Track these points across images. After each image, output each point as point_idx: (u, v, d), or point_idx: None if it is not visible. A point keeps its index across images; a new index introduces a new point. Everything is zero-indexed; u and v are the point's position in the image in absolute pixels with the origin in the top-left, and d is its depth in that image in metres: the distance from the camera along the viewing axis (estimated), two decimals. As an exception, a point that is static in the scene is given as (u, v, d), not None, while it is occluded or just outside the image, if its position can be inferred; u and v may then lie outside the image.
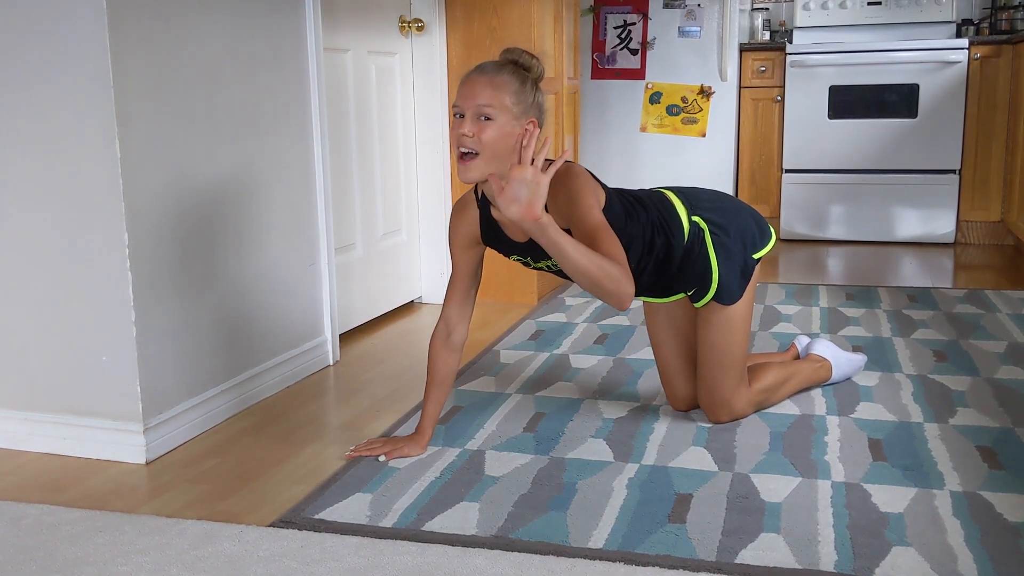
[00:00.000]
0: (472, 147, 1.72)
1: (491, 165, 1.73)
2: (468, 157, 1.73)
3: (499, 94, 1.72)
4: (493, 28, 3.37)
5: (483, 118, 1.72)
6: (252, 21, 2.35)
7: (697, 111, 4.81)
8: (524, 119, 1.75)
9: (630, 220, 1.93)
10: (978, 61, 4.54)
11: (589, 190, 1.80)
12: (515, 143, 1.71)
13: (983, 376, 2.50)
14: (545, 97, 1.82)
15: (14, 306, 2.08)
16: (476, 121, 1.73)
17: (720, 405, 2.12)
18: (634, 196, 2.01)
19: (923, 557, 1.53)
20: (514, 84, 1.75)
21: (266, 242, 2.45)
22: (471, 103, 1.73)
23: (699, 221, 2.01)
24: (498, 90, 1.73)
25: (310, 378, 2.64)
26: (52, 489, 1.90)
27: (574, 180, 1.80)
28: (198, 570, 1.54)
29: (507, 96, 1.73)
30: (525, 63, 1.79)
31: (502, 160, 1.73)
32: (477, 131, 1.72)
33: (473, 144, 1.72)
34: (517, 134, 1.72)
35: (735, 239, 2.04)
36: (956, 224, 4.69)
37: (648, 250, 1.98)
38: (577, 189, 1.78)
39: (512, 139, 1.73)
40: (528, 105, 1.76)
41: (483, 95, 1.72)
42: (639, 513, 1.70)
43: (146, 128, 2.00)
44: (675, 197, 2.04)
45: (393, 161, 3.30)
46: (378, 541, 1.62)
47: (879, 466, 1.91)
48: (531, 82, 1.78)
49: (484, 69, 1.77)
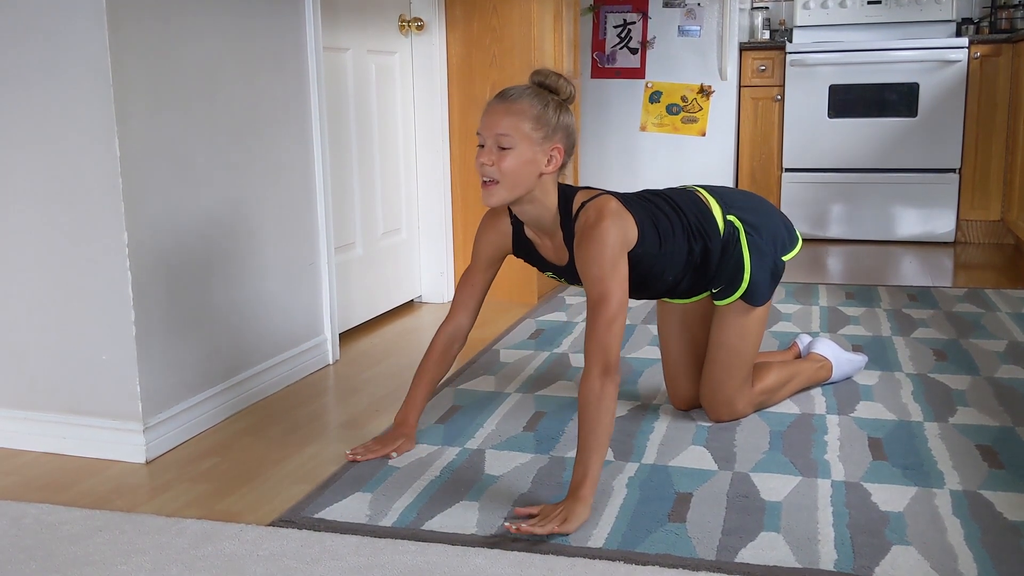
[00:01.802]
0: (492, 176, 1.73)
1: (513, 192, 1.75)
2: (490, 184, 1.75)
3: (517, 122, 1.71)
4: (493, 27, 3.37)
5: (502, 147, 1.72)
6: (252, 20, 2.35)
7: (697, 110, 4.81)
8: (548, 144, 1.74)
9: (665, 242, 1.91)
10: (978, 60, 4.54)
11: (615, 246, 1.75)
12: (537, 169, 1.74)
13: (983, 375, 2.50)
14: (573, 118, 1.80)
15: (14, 305, 2.08)
16: (495, 150, 1.73)
17: (722, 404, 2.12)
18: (669, 202, 1.97)
19: (923, 556, 1.53)
20: (534, 110, 1.73)
21: (266, 241, 2.45)
22: (490, 132, 1.73)
23: (734, 220, 2.00)
24: (516, 117, 1.72)
25: (310, 377, 2.64)
26: (52, 488, 1.90)
27: (603, 234, 1.74)
28: (198, 569, 1.54)
29: (526, 123, 1.72)
30: (551, 84, 1.77)
31: (524, 185, 1.75)
32: (497, 160, 1.72)
33: (493, 173, 1.73)
34: (540, 160, 1.74)
35: (767, 240, 2.03)
36: (956, 223, 4.69)
37: (687, 262, 1.97)
38: (601, 247, 1.74)
39: (534, 165, 1.73)
40: (552, 129, 1.74)
41: (501, 124, 1.72)
42: (639, 512, 1.70)
43: (146, 128, 2.00)
44: (709, 196, 2.02)
45: (393, 160, 3.30)
46: (378, 540, 1.62)
47: (879, 465, 1.91)
48: (555, 104, 1.75)
49: (505, 95, 1.76)
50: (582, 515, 1.62)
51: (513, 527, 1.59)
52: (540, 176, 1.76)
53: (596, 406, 1.67)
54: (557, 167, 1.76)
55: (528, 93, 1.75)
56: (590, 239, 1.75)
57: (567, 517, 1.61)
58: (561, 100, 1.78)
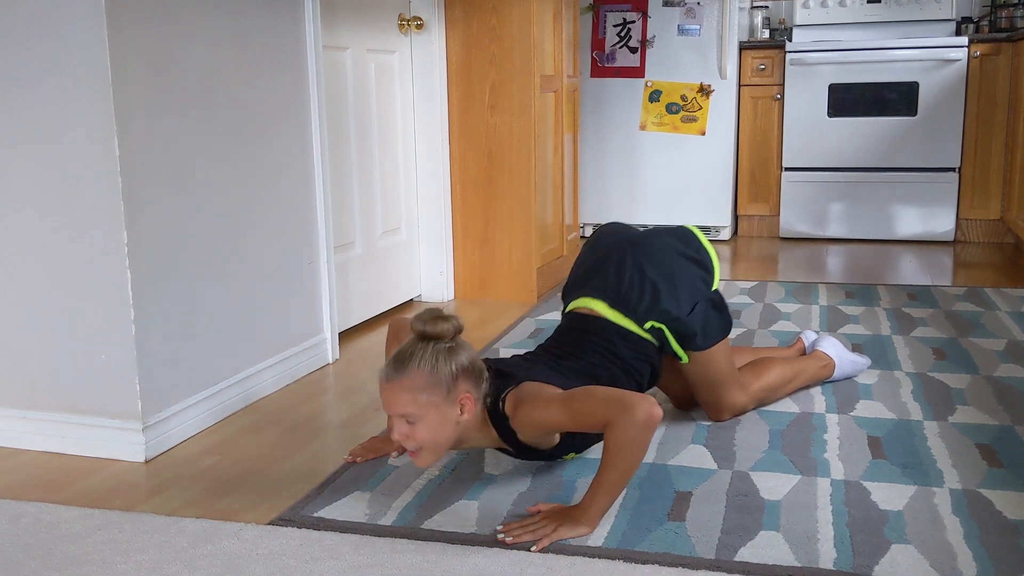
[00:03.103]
0: (412, 447, 1.63)
1: (440, 449, 1.65)
2: (414, 452, 1.64)
3: (413, 396, 1.59)
4: (492, 26, 3.37)
5: (410, 422, 1.62)
6: (251, 20, 2.35)
7: (697, 109, 4.80)
8: (453, 396, 1.61)
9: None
10: (978, 59, 4.54)
11: (536, 405, 1.66)
12: (453, 421, 1.63)
13: (982, 374, 2.50)
14: (470, 351, 1.66)
15: (14, 305, 2.08)
16: (405, 425, 1.62)
17: (721, 410, 2.14)
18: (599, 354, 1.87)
19: (922, 555, 1.53)
20: (423, 377, 1.59)
21: (265, 240, 2.44)
22: (394, 411, 1.62)
23: (654, 325, 1.91)
24: (410, 393, 1.60)
25: (309, 376, 2.64)
26: (51, 487, 1.90)
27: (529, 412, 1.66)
28: (197, 568, 1.54)
29: (422, 395, 1.59)
30: (433, 332, 1.62)
31: (448, 439, 1.64)
32: (410, 433, 1.62)
33: (412, 445, 1.63)
34: (451, 414, 1.62)
35: (687, 300, 1.94)
36: (956, 222, 4.69)
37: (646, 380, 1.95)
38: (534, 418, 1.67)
39: (448, 421, 1.62)
40: (450, 384, 1.61)
41: (399, 403, 1.61)
42: (639, 511, 1.70)
43: (145, 127, 2.00)
44: (620, 317, 1.90)
45: (392, 159, 3.30)
46: (377, 539, 1.62)
47: (878, 464, 1.91)
48: (445, 354, 1.62)
49: (393, 370, 1.61)
50: (581, 532, 1.61)
51: (508, 539, 1.58)
52: (456, 423, 1.64)
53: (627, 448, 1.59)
54: (472, 410, 1.64)
55: (414, 357, 1.61)
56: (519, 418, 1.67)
57: (561, 525, 1.60)
58: (448, 346, 1.63)
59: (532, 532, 1.59)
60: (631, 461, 1.61)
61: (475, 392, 1.65)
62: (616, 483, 1.62)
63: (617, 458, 1.60)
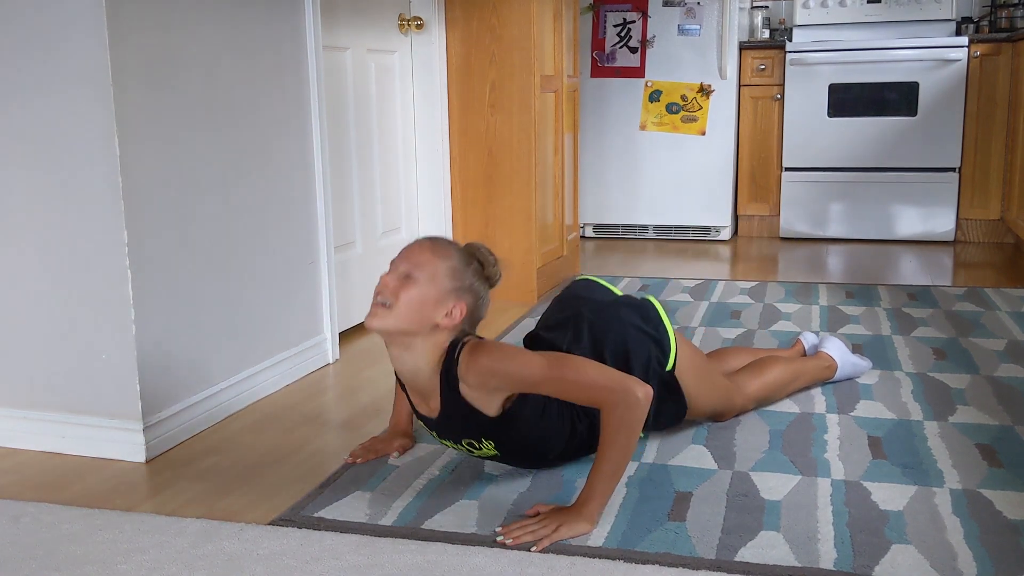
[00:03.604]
0: (386, 299, 1.63)
1: (398, 323, 1.63)
2: (379, 307, 1.64)
3: (436, 261, 1.64)
4: (492, 26, 3.37)
5: (409, 276, 1.63)
6: (251, 21, 2.35)
7: (697, 109, 4.80)
8: (454, 297, 1.64)
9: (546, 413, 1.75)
10: (978, 59, 4.54)
11: (506, 353, 1.64)
12: (433, 315, 1.63)
13: (983, 374, 2.50)
14: (487, 294, 1.69)
15: (14, 305, 2.08)
16: (401, 277, 1.64)
17: (723, 418, 2.15)
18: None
19: (922, 555, 1.53)
20: (454, 261, 1.65)
21: (266, 240, 2.44)
22: (405, 261, 1.65)
23: None
24: (437, 257, 1.64)
25: (309, 376, 2.64)
26: (51, 487, 1.90)
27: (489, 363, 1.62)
28: (197, 568, 1.54)
29: (442, 265, 1.64)
30: (481, 257, 1.70)
31: (413, 324, 1.63)
32: (398, 286, 1.63)
33: (388, 297, 1.63)
34: (439, 307, 1.63)
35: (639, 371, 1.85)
36: (956, 222, 4.69)
37: (571, 437, 1.82)
38: (496, 365, 1.62)
39: (431, 308, 1.63)
40: (463, 287, 1.65)
41: (419, 257, 1.64)
42: (639, 511, 1.70)
43: (145, 127, 2.00)
44: None
45: (392, 159, 3.30)
46: (377, 539, 1.62)
47: (879, 464, 1.91)
48: (476, 272, 1.68)
49: (434, 239, 1.68)
50: (582, 530, 1.61)
51: (508, 541, 1.58)
52: (433, 327, 1.64)
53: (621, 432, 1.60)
54: (452, 325, 1.64)
55: (458, 250, 1.68)
56: (475, 370, 1.63)
57: (561, 525, 1.60)
58: (484, 275, 1.69)
59: (532, 533, 1.59)
60: (629, 444, 1.62)
61: (463, 321, 1.66)
62: (614, 470, 1.62)
63: (616, 440, 1.60)
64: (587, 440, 1.83)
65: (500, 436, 1.73)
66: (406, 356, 1.68)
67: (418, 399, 1.76)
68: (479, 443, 1.75)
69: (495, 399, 1.68)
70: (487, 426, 1.70)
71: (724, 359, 2.32)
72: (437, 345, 1.66)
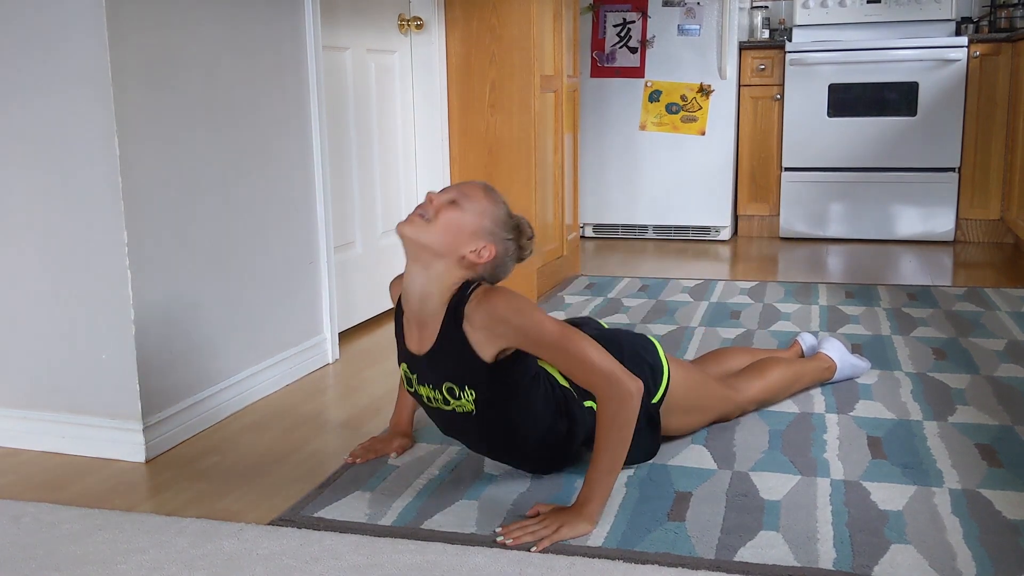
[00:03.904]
0: (427, 213, 1.64)
1: (431, 239, 1.64)
2: (419, 217, 1.65)
3: (483, 200, 1.67)
4: (492, 26, 3.37)
5: (455, 202, 1.65)
6: (251, 21, 2.35)
7: (696, 109, 4.80)
8: (489, 239, 1.66)
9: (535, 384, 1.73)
10: (977, 59, 4.54)
11: (523, 305, 1.63)
12: (464, 246, 1.65)
13: (982, 374, 2.50)
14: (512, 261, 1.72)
15: (14, 304, 2.08)
16: (447, 200, 1.65)
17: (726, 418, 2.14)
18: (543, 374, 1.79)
19: (922, 555, 1.53)
20: (500, 211, 1.68)
21: (265, 240, 2.45)
22: (454, 190, 1.67)
23: (593, 406, 1.77)
24: (485, 197, 1.67)
25: (309, 376, 2.64)
26: (51, 487, 1.90)
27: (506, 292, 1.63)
28: (197, 568, 1.54)
29: (489, 207, 1.67)
30: (522, 226, 1.72)
31: (443, 245, 1.64)
32: (442, 207, 1.64)
33: (430, 212, 1.64)
34: (472, 240, 1.65)
35: None
36: (955, 222, 4.69)
37: (549, 431, 1.78)
38: (513, 298, 1.62)
39: (464, 238, 1.64)
40: (499, 236, 1.67)
41: (469, 190, 1.67)
42: (638, 511, 1.70)
43: (145, 127, 2.00)
44: (566, 381, 1.79)
45: (392, 159, 3.30)
46: (377, 539, 1.62)
47: (878, 464, 1.91)
48: (514, 232, 1.70)
49: (487, 185, 1.71)
50: (584, 530, 1.61)
51: (508, 541, 1.58)
52: (459, 258, 1.65)
53: (617, 428, 1.62)
54: (476, 262, 1.65)
55: (506, 204, 1.72)
56: (488, 307, 1.62)
57: (563, 525, 1.60)
58: (518, 243, 1.72)
59: (532, 534, 1.59)
60: (624, 439, 1.62)
61: (488, 263, 1.67)
62: (611, 466, 1.63)
63: (611, 435, 1.61)
64: (563, 443, 1.80)
65: (484, 388, 1.67)
66: (422, 276, 1.66)
67: (413, 331, 1.72)
68: (459, 391, 1.69)
69: (493, 346, 1.63)
70: (477, 371, 1.65)
71: (723, 360, 2.32)
72: (455, 276, 1.66)
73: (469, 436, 1.81)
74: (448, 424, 1.80)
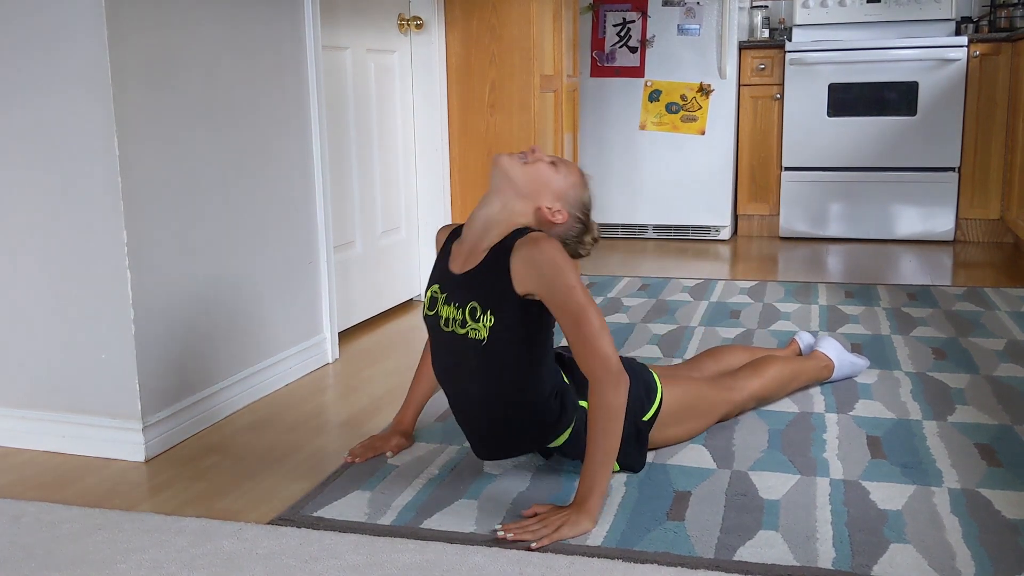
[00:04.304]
0: (528, 158, 1.77)
1: (521, 179, 1.75)
2: (520, 157, 1.78)
3: (577, 179, 1.80)
4: (492, 26, 3.37)
5: (555, 164, 1.79)
6: (251, 21, 2.35)
7: (696, 109, 4.80)
8: (567, 209, 1.78)
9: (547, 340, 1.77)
10: (977, 59, 4.54)
11: (570, 266, 1.68)
12: (545, 199, 1.76)
13: (982, 373, 2.50)
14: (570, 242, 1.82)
15: (14, 304, 2.08)
16: (548, 159, 1.79)
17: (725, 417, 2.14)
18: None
19: (921, 554, 1.53)
20: (585, 197, 1.81)
21: (265, 240, 2.45)
22: (560, 158, 1.82)
23: (586, 405, 1.76)
24: (580, 179, 1.81)
25: (309, 376, 2.64)
26: (51, 487, 1.90)
27: (555, 246, 1.67)
28: (197, 568, 1.54)
29: (578, 185, 1.80)
30: (591, 224, 1.84)
31: (528, 189, 1.75)
32: (542, 159, 1.78)
33: (531, 158, 1.77)
34: (552, 199, 1.77)
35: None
36: (955, 222, 4.69)
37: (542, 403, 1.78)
38: (558, 255, 1.67)
39: (547, 194, 1.76)
40: (573, 212, 1.79)
41: (571, 167, 1.82)
42: (638, 510, 1.70)
43: (145, 127, 2.00)
44: (568, 378, 1.83)
45: (392, 159, 3.30)
46: (377, 539, 1.62)
47: (878, 463, 1.91)
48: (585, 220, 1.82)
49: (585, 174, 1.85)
50: (585, 527, 1.61)
51: (509, 535, 1.59)
52: (536, 208, 1.75)
53: (608, 418, 1.64)
54: (547, 219, 1.75)
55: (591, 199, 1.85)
56: (537, 252, 1.67)
57: (564, 524, 1.60)
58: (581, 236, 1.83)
59: (532, 533, 1.59)
60: (616, 429, 1.64)
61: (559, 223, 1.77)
62: (604, 458, 1.64)
63: (599, 425, 1.63)
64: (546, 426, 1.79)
65: (503, 317, 1.70)
66: (496, 207, 1.75)
67: (462, 254, 1.79)
68: (481, 314, 1.71)
69: (524, 286, 1.69)
70: (504, 299, 1.70)
71: (720, 357, 2.32)
72: (523, 220, 1.76)
73: (464, 376, 1.79)
74: (450, 357, 1.80)
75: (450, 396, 1.86)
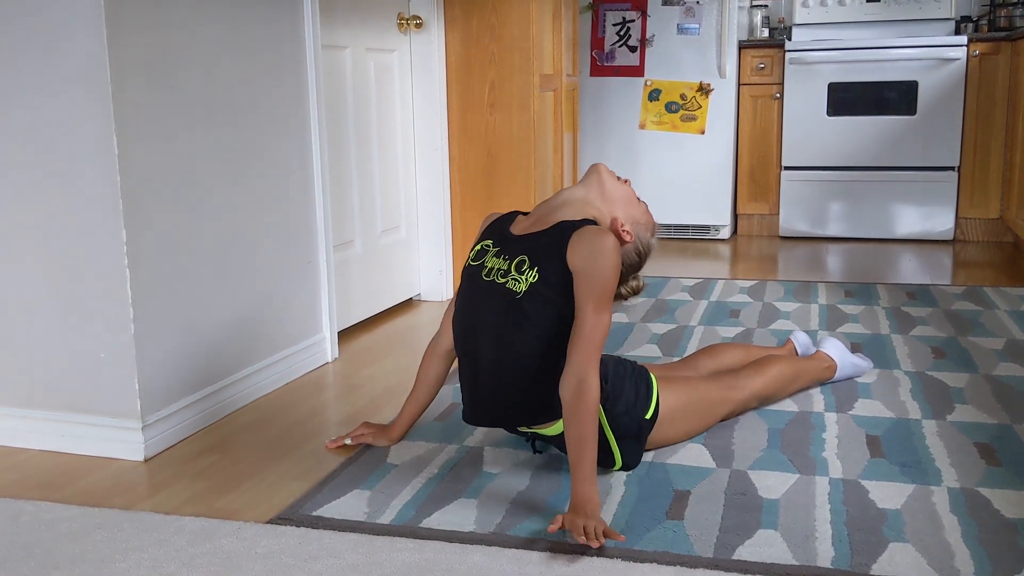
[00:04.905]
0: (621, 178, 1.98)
1: (612, 189, 1.92)
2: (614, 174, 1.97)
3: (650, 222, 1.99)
4: (492, 25, 3.37)
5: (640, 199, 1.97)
6: (251, 20, 2.35)
7: (696, 108, 4.81)
8: (635, 232, 1.92)
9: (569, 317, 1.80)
10: (977, 58, 4.54)
11: (617, 269, 1.77)
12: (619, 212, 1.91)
13: (981, 373, 2.50)
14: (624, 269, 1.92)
15: (13, 304, 2.08)
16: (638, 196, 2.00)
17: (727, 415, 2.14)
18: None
19: (920, 553, 1.53)
20: (649, 239, 1.98)
21: (265, 239, 2.45)
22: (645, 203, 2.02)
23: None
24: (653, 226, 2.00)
25: (309, 375, 2.64)
26: (50, 486, 1.90)
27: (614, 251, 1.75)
28: (196, 567, 1.54)
29: (649, 227, 1.98)
30: (641, 266, 1.98)
31: (612, 197, 1.91)
32: (633, 192, 1.98)
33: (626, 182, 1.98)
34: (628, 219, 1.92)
35: (623, 407, 1.86)
36: (955, 221, 4.69)
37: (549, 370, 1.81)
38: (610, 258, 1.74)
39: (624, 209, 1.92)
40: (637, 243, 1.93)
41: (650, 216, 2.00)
42: (637, 509, 1.71)
43: (145, 126, 2.00)
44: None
45: (392, 158, 3.30)
46: (376, 538, 1.62)
47: (877, 463, 1.91)
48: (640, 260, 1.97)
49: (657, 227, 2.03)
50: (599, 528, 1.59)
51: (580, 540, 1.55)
52: (613, 218, 1.89)
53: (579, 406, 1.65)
54: (616, 230, 1.88)
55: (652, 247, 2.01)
56: (601, 237, 1.75)
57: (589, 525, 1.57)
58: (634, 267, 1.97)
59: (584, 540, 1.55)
60: (590, 425, 1.66)
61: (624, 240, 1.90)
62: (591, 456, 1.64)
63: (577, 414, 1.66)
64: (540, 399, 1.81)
65: (547, 275, 1.77)
66: (579, 195, 1.90)
67: (527, 220, 1.90)
68: (528, 268, 1.79)
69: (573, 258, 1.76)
70: (555, 261, 1.77)
71: (718, 355, 2.32)
72: (595, 212, 1.88)
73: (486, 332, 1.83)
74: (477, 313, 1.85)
75: (462, 358, 1.90)
